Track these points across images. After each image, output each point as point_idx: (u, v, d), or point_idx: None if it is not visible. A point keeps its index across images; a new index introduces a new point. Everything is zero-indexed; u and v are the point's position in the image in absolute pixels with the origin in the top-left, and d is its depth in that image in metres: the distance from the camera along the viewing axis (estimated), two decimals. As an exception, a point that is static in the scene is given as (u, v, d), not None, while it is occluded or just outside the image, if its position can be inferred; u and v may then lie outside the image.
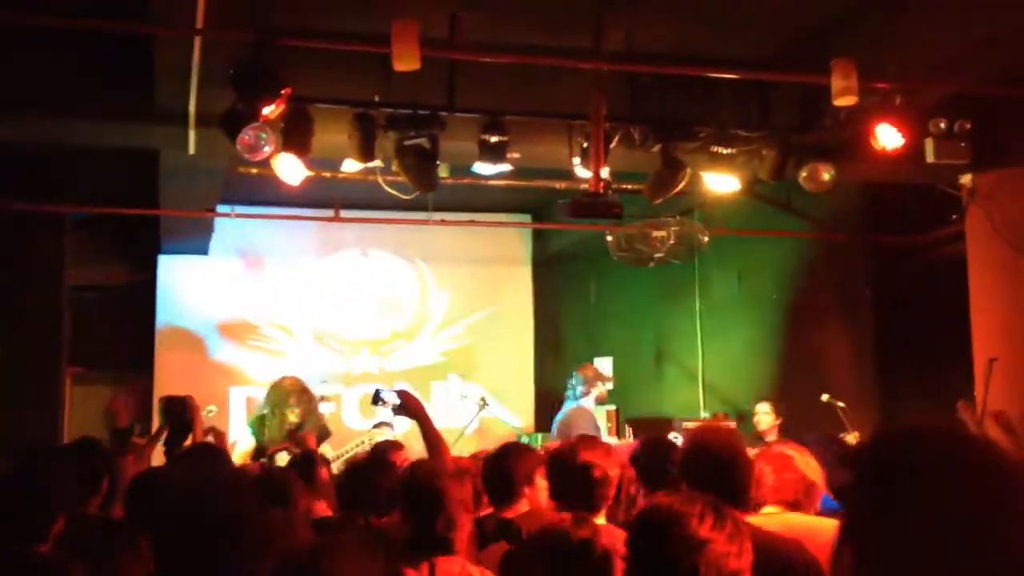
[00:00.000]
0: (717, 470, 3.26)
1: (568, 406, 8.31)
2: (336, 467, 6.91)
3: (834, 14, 6.68)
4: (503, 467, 4.20)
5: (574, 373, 8.44)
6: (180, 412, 5.58)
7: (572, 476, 3.77)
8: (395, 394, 4.51)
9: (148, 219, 9.96)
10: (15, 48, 6.56)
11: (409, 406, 4.44)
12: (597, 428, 8.11)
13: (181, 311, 11.07)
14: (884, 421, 8.50)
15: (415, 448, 6.16)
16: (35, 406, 8.94)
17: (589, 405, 8.28)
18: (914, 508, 1.58)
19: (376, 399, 4.69)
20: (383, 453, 5.73)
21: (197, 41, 5.99)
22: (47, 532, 3.29)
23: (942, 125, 7.17)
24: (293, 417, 7.13)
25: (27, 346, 8.97)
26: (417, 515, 3.32)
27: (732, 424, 9.28)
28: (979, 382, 7.59)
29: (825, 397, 8.30)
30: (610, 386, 8.54)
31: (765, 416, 8.75)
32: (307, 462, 5.13)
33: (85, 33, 6.49)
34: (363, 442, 7.31)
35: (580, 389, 8.27)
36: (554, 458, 3.99)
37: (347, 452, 7.32)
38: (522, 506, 4.13)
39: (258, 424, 7.37)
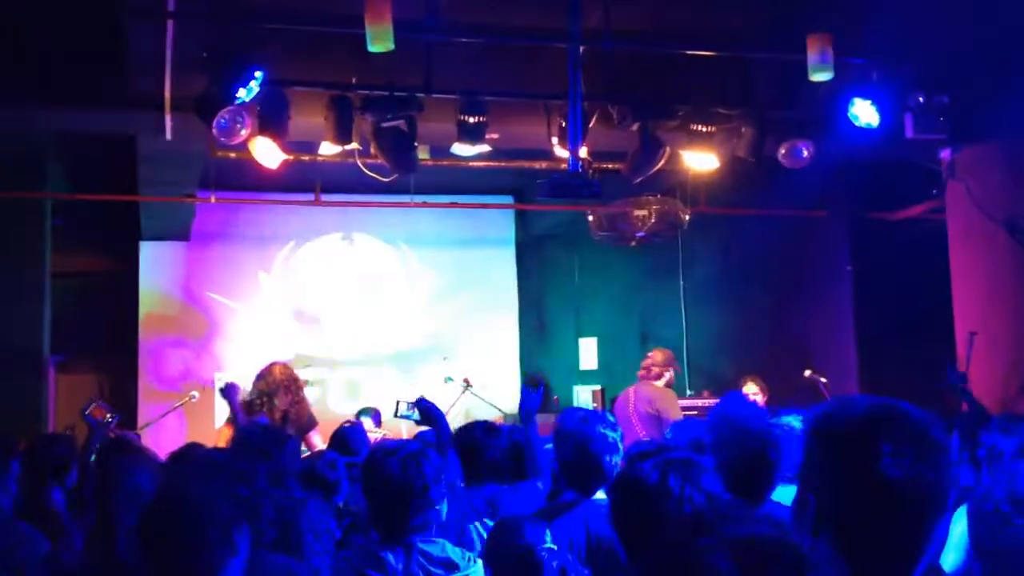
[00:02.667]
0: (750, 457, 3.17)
1: (643, 386, 8.29)
2: None
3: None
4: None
5: (647, 355, 8.46)
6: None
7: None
8: (411, 404, 4.68)
9: (128, 206, 9.92)
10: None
11: (427, 413, 4.63)
12: (656, 411, 7.99)
13: (164, 297, 11.03)
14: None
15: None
16: (18, 395, 8.89)
17: (658, 387, 8.27)
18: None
19: (396, 413, 4.92)
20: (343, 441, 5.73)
21: (170, 25, 5.94)
22: None
23: (920, 100, 7.17)
24: (280, 405, 7.10)
25: (9, 335, 8.92)
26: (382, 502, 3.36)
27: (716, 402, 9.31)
28: (960, 356, 7.63)
29: (807, 372, 8.33)
30: (678, 370, 8.52)
31: (753, 397, 8.75)
32: None
33: (59, 20, 6.44)
34: None
35: (654, 371, 8.29)
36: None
37: None
38: None
39: (246, 410, 7.34)
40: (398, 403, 4.84)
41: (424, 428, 5.06)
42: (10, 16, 6.31)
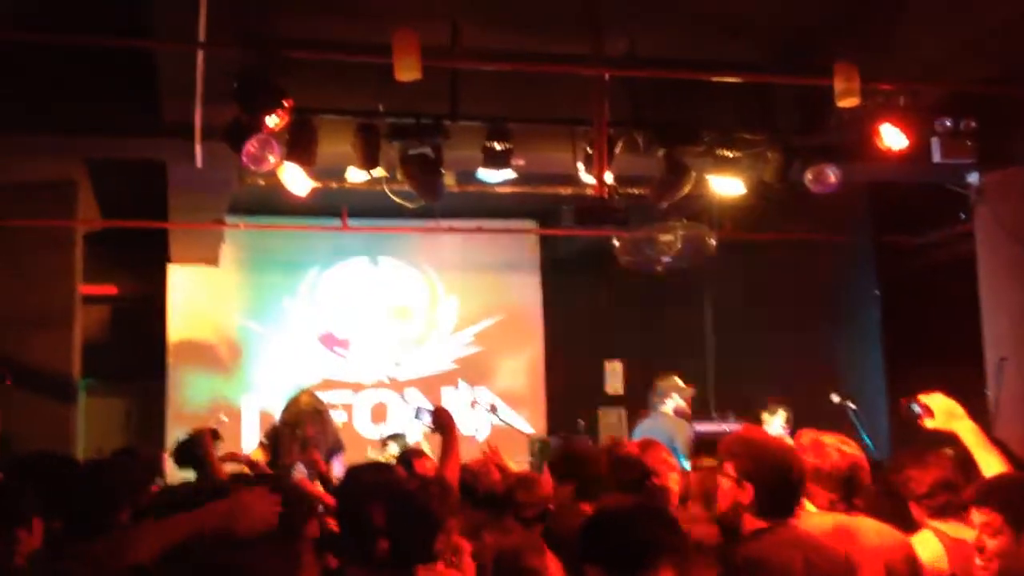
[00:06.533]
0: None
1: (651, 418, 8.30)
2: None
3: (835, 15, 6.67)
4: None
5: (656, 384, 8.46)
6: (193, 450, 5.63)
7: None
8: (429, 412, 4.69)
9: (158, 231, 10.02)
10: (24, 66, 6.62)
11: (441, 422, 4.59)
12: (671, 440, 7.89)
13: (192, 321, 11.11)
14: (894, 421, 8.47)
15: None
16: (49, 418, 8.97)
17: (669, 415, 8.25)
18: None
19: (417, 415, 4.86)
20: (407, 462, 5.78)
21: (200, 55, 6.02)
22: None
23: (947, 124, 7.14)
24: (306, 433, 7.15)
25: (40, 359, 9.01)
26: (394, 526, 3.33)
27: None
28: (990, 382, 7.57)
29: (835, 398, 8.27)
30: (690, 394, 8.48)
31: (779, 419, 8.70)
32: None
33: (91, 50, 6.54)
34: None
35: (656, 400, 8.28)
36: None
37: None
38: None
39: (273, 437, 7.39)
40: (418, 409, 4.86)
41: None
42: (43, 46, 6.42)
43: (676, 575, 2.43)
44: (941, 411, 3.50)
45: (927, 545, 3.41)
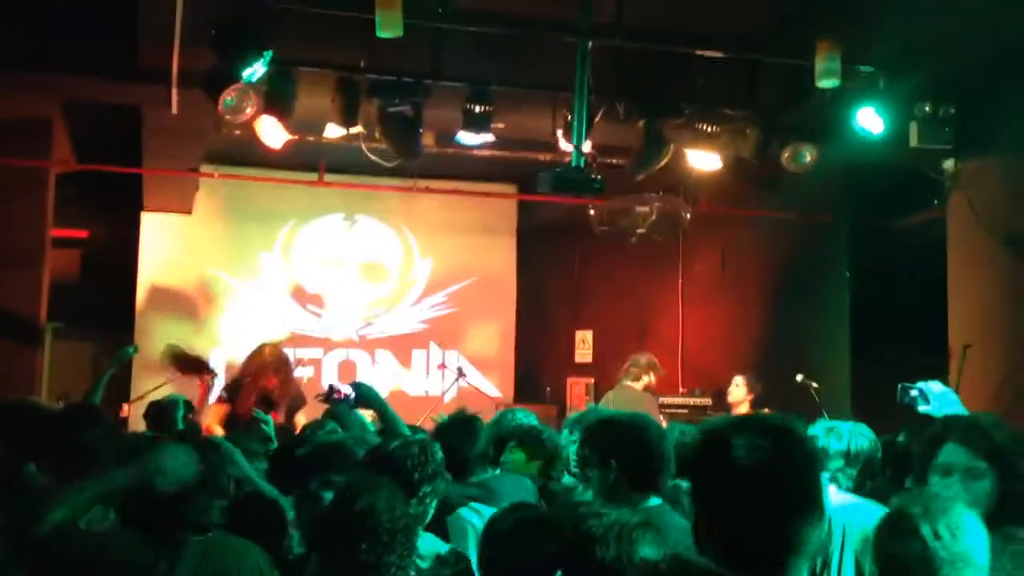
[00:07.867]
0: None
1: (618, 389, 8.38)
2: None
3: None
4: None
5: (632, 358, 8.51)
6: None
7: None
8: (349, 387, 4.45)
9: (132, 177, 9.93)
10: (2, 3, 6.52)
11: (365, 397, 4.41)
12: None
13: (163, 269, 11.04)
14: (857, 402, 8.56)
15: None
16: (14, 361, 8.92)
17: (635, 387, 8.34)
18: None
19: (329, 395, 4.49)
20: None
21: (180, 0, 5.95)
22: None
23: (927, 109, 7.18)
24: (265, 384, 7.11)
25: (7, 300, 8.94)
26: None
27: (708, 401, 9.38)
28: (953, 367, 7.64)
29: (799, 377, 8.34)
30: (660, 374, 8.58)
31: (736, 389, 8.80)
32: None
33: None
34: None
35: (632, 373, 8.36)
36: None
37: None
38: None
39: (233, 389, 7.34)
40: (330, 388, 4.44)
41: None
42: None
43: None
44: (937, 397, 3.54)
45: None
